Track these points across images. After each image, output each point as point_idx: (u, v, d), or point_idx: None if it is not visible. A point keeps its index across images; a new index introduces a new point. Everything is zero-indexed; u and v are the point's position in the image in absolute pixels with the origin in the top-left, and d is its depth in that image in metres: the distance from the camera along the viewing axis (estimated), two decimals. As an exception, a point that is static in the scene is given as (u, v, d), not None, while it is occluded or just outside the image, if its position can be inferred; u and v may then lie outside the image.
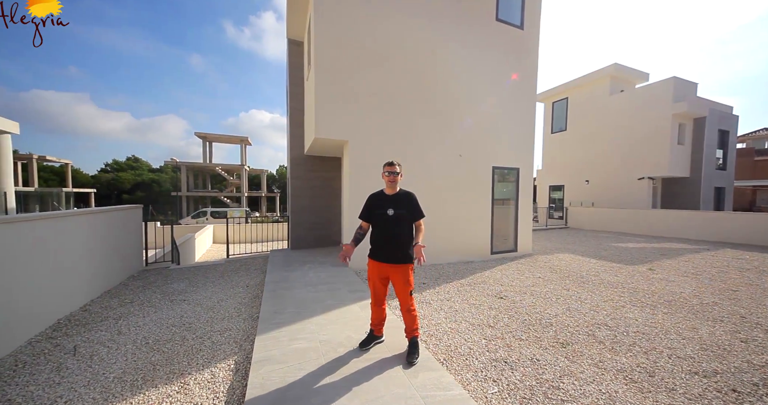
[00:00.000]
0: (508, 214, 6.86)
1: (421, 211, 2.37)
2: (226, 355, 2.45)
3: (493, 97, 6.39)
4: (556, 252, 7.27)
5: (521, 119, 6.75)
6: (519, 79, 6.65)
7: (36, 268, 2.89)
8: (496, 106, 6.43)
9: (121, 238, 4.69)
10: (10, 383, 2.10)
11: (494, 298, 3.98)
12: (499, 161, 6.52)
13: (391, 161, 2.38)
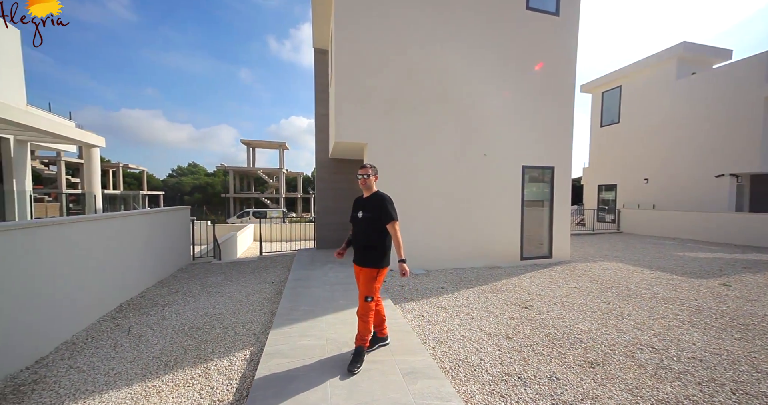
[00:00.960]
0: (542, 217, 6.32)
1: (390, 214, 2.26)
2: (244, 346, 2.67)
3: (524, 91, 5.96)
4: (600, 259, 6.48)
5: (558, 113, 6.18)
6: (552, 68, 6.10)
7: (108, 259, 3.48)
8: (528, 100, 5.99)
9: (173, 235, 5.40)
10: (81, 353, 2.55)
11: (517, 307, 3.70)
12: (530, 160, 6.05)
13: (363, 165, 2.42)
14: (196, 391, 2.04)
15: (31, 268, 2.48)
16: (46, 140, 7.87)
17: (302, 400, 1.83)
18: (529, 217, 6.15)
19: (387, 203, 2.30)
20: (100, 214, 3.59)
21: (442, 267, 5.47)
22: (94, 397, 1.97)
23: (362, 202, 2.40)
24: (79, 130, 8.15)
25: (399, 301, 3.76)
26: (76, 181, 26.41)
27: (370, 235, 2.28)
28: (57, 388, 2.06)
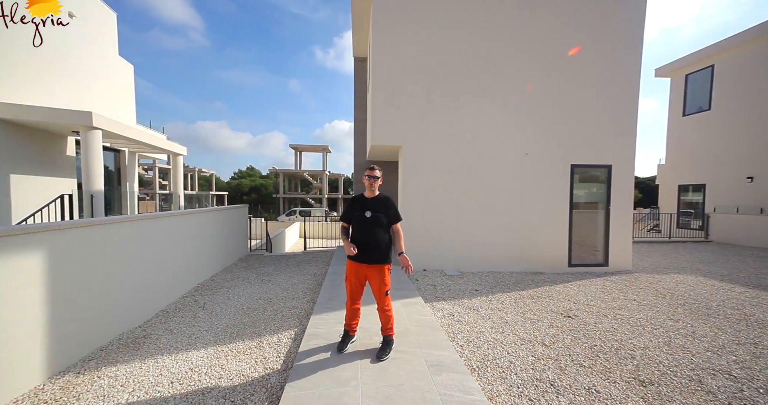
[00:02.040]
0: (596, 222, 5.70)
1: (398, 215, 2.40)
2: (289, 326, 3.07)
3: (575, 80, 5.46)
4: (674, 272, 5.56)
5: (618, 104, 5.52)
6: (611, 51, 5.46)
7: (189, 247, 4.30)
8: (580, 90, 5.47)
9: (235, 230, 6.31)
10: (172, 320, 3.24)
11: (559, 315, 3.46)
12: (580, 158, 5.51)
13: (372, 166, 2.43)
14: (252, 359, 2.45)
15: (140, 251, 3.24)
16: (147, 151, 9.86)
17: (336, 375, 2.08)
18: (580, 221, 5.60)
19: (395, 204, 2.43)
20: (186, 210, 4.46)
21: (477, 269, 5.34)
22: (182, 353, 2.52)
23: (367, 202, 2.39)
24: (169, 142, 10.02)
25: (430, 300, 3.83)
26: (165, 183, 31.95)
27: (381, 234, 2.34)
28: (158, 343, 2.69)
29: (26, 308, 2.00)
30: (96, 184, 6.18)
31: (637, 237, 9.74)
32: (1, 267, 1.85)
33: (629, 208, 5.62)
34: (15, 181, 6.01)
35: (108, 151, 8.43)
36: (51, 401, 1.91)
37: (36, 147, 6.46)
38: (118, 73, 9.65)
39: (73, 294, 2.35)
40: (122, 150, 9.05)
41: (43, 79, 6.75)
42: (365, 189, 2.49)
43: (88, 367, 2.29)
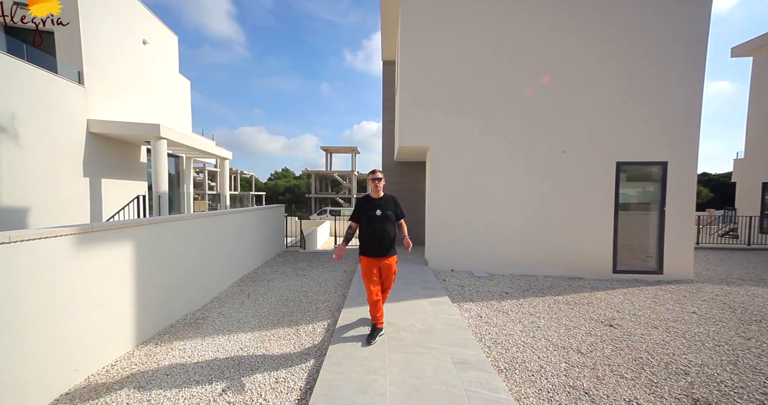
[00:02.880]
0: (649, 224, 5.15)
1: (403, 212, 2.81)
2: (323, 318, 3.32)
3: (622, 68, 5.00)
4: (750, 283, 4.82)
5: (677, 91, 4.93)
6: (668, 30, 4.89)
7: (236, 242, 4.82)
8: (627, 79, 5.00)
9: (273, 227, 6.87)
10: (223, 305, 3.69)
11: (599, 323, 3.25)
12: (628, 154, 5.03)
13: (374, 170, 2.70)
14: (291, 344, 2.72)
15: (198, 244, 3.75)
16: (200, 156, 11.14)
17: (366, 365, 2.23)
18: (629, 224, 5.11)
19: (399, 203, 2.83)
20: (232, 210, 5.02)
21: (508, 272, 5.16)
22: (233, 334, 2.89)
23: (376, 202, 2.67)
24: (218, 148, 11.20)
25: (457, 301, 3.83)
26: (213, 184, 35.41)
27: (391, 230, 2.65)
28: (214, 325, 3.11)
29: (118, 289, 2.48)
30: (162, 186, 7.18)
31: (705, 242, 8.53)
32: (99, 254, 2.32)
33: (690, 210, 4.99)
34: (105, 184, 7.25)
35: (170, 157, 9.70)
36: (139, 364, 2.35)
37: (118, 155, 7.70)
38: (178, 89, 11.05)
39: (150, 279, 2.83)
40: (181, 156, 10.33)
41: (123, 98, 8.02)
42: (371, 190, 2.79)
43: (163, 340, 2.75)
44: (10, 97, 5.17)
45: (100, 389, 2.05)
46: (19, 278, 1.75)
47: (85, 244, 2.16)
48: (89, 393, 2.01)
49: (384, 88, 8.23)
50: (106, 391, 2.04)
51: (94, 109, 6.97)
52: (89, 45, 6.97)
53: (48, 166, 5.85)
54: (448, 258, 5.30)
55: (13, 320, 1.72)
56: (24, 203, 5.42)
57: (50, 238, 1.91)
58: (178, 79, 11.10)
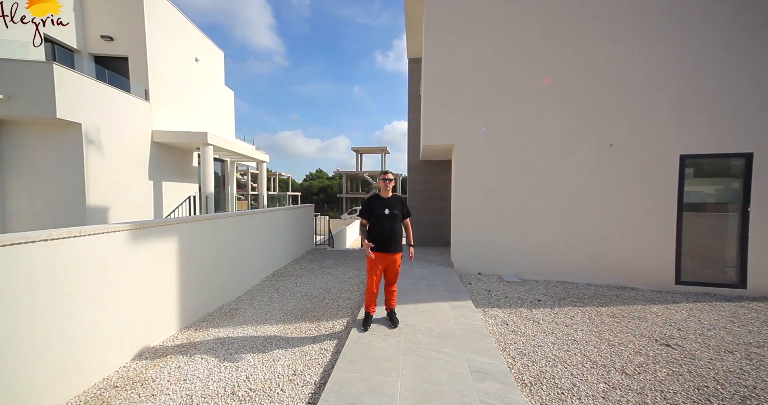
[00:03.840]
0: (725, 228, 4.33)
1: (409, 211, 2.96)
2: (343, 315, 3.39)
3: (689, 44, 4.27)
4: None
5: (763, 69, 4.05)
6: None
7: (269, 239, 5.18)
8: (695, 57, 4.25)
9: (303, 226, 7.23)
10: (255, 298, 3.98)
11: (652, 341, 2.81)
12: (696, 145, 4.28)
13: (386, 171, 2.88)
14: (311, 339, 2.83)
15: (234, 241, 4.09)
16: (242, 159, 12.20)
17: (379, 365, 2.22)
18: (699, 227, 4.35)
19: (406, 202, 2.97)
20: (265, 209, 5.41)
21: (542, 278, 4.74)
22: (261, 326, 3.11)
23: (385, 201, 2.83)
24: (257, 151, 12.17)
25: (482, 306, 3.63)
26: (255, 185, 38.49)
27: (398, 227, 2.84)
28: (245, 315, 3.37)
29: (165, 279, 2.81)
30: (209, 188, 8.01)
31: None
32: (149, 247, 2.65)
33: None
34: (164, 186, 8.33)
35: (216, 161, 10.79)
36: (182, 345, 2.65)
37: (175, 160, 8.78)
38: (223, 99, 12.24)
39: (192, 271, 3.17)
40: (225, 160, 11.41)
41: (178, 109, 9.13)
42: (380, 189, 2.94)
43: (201, 326, 3.06)
44: (96, 114, 6.21)
45: (148, 366, 2.35)
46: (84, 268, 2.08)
47: (139, 238, 2.49)
48: (140, 368, 2.32)
49: (410, 87, 8.13)
50: (152, 368, 2.33)
51: (156, 121, 8.05)
52: (153, 66, 8.06)
53: (122, 172, 6.89)
54: (475, 260, 5.04)
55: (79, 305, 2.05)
56: (105, 203, 6.47)
57: (111, 233, 2.25)
58: (223, 90, 12.29)
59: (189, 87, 9.75)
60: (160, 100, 8.27)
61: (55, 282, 1.89)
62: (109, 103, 6.54)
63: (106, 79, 6.68)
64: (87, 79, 6.07)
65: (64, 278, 1.94)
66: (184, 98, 9.48)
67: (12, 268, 1.69)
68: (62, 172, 5.88)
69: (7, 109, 5.32)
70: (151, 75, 7.96)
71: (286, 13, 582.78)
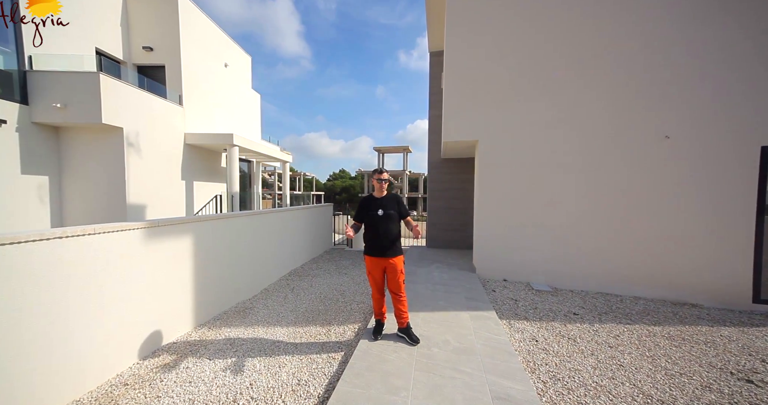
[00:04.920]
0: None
1: (408, 210, 2.67)
2: (354, 320, 3.23)
3: (763, 11, 3.51)
4: None
5: None
6: None
7: (286, 240, 5.20)
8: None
9: (322, 226, 7.23)
10: (269, 298, 3.97)
11: (726, 374, 2.29)
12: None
13: (381, 169, 2.62)
14: (319, 345, 2.70)
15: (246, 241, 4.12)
16: (266, 160, 12.67)
17: (388, 381, 2.02)
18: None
19: (402, 201, 2.69)
20: (281, 208, 5.46)
21: (579, 287, 4.20)
22: (272, 328, 3.05)
23: (379, 201, 2.59)
24: (280, 152, 12.56)
25: (507, 317, 3.26)
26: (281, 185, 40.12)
27: (394, 229, 2.57)
28: (258, 315, 3.35)
29: (180, 277, 2.85)
30: (234, 187, 8.35)
31: None
32: (164, 246, 2.69)
33: None
34: (195, 185, 8.85)
35: (243, 162, 11.27)
36: (194, 343, 2.67)
37: (204, 161, 9.29)
38: (250, 102, 12.78)
39: (207, 270, 3.20)
40: (252, 160, 11.90)
41: (208, 113, 9.66)
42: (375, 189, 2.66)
43: (215, 325, 3.08)
44: (136, 118, 6.72)
45: (159, 365, 2.37)
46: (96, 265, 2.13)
47: (153, 236, 2.53)
48: (152, 366, 2.35)
49: (431, 82, 7.78)
50: (163, 367, 2.34)
51: (188, 124, 8.56)
52: (187, 73, 8.58)
53: (158, 172, 7.40)
54: (501, 265, 4.63)
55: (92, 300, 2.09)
56: (143, 201, 6.98)
57: (125, 231, 2.29)
58: (250, 93, 12.83)
59: (218, 91, 10.27)
60: (193, 105, 8.78)
61: (72, 279, 1.94)
62: (147, 108, 7.04)
63: (145, 86, 7.20)
64: (128, 86, 6.57)
65: (76, 275, 1.99)
66: (214, 102, 10.00)
67: (20, 266, 1.74)
68: (107, 174, 6.42)
69: (64, 116, 5.92)
70: (185, 81, 8.47)
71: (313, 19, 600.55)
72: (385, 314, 2.75)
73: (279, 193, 29.40)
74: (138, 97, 6.81)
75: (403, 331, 2.62)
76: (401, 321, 2.61)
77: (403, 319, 2.60)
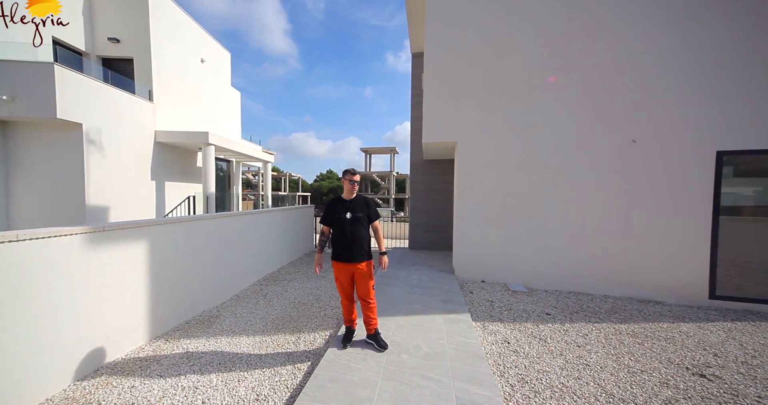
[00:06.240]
0: None
1: (378, 213, 2.58)
2: (327, 327, 3.12)
3: (725, 21, 3.72)
4: None
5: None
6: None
7: (260, 243, 4.99)
8: (736, 39, 3.70)
9: (302, 227, 7.04)
10: (239, 305, 3.78)
11: (682, 370, 2.37)
12: (737, 140, 3.73)
13: (352, 170, 2.48)
14: (285, 355, 2.57)
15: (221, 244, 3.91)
16: (246, 160, 12.24)
17: (352, 393, 1.93)
18: (739, 233, 3.79)
19: (373, 203, 2.56)
20: (257, 210, 5.25)
21: (553, 287, 4.30)
22: (236, 337, 2.88)
23: (347, 203, 2.48)
24: (261, 152, 12.18)
25: (481, 319, 3.26)
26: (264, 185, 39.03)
27: (363, 233, 2.46)
28: (223, 325, 3.16)
29: (131, 286, 2.63)
30: (210, 188, 7.97)
31: None
32: (112, 252, 2.47)
33: None
34: (167, 186, 8.38)
35: (222, 162, 10.82)
36: (145, 359, 2.46)
37: (178, 161, 8.83)
38: (229, 100, 12.31)
39: (165, 276, 2.98)
40: (231, 160, 11.46)
41: (183, 110, 9.19)
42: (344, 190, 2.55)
43: (173, 336, 2.87)
44: (98, 114, 6.25)
45: (99, 385, 2.16)
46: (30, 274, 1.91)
47: (98, 243, 2.31)
48: (91, 388, 2.14)
49: (413, 82, 7.79)
50: (103, 387, 2.14)
51: (160, 121, 8.10)
52: (158, 67, 8.12)
53: (124, 172, 6.94)
54: (479, 266, 4.66)
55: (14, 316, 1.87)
56: (105, 202, 6.52)
57: (61, 237, 2.07)
58: (230, 91, 12.36)
59: (194, 87, 9.81)
60: (165, 101, 8.32)
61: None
62: (112, 103, 6.58)
63: (110, 80, 6.74)
64: (89, 79, 6.11)
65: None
66: (190, 99, 9.54)
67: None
68: (63, 172, 5.94)
69: (10, 109, 5.41)
70: (156, 76, 8.01)
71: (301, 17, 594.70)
72: (356, 320, 2.65)
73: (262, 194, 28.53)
74: (101, 92, 6.35)
75: (371, 337, 2.54)
76: (369, 328, 2.54)
77: (371, 325, 2.52)
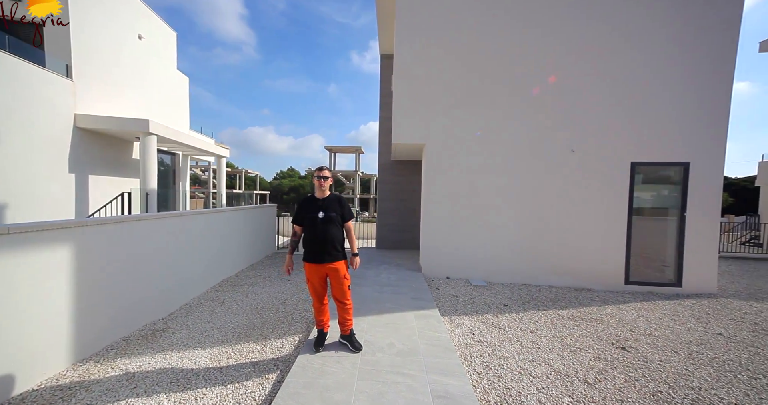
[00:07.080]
0: (666, 231, 4.69)
1: (351, 213, 2.51)
2: (296, 332, 2.98)
3: (641, 62, 4.54)
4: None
5: (702, 88, 4.44)
6: (696, 20, 4.41)
7: (215, 245, 4.53)
8: (647, 75, 4.53)
9: (264, 228, 6.58)
10: (191, 314, 3.38)
11: (609, 345, 2.83)
12: (645, 154, 4.57)
13: (322, 167, 2.44)
14: (251, 365, 2.39)
15: (168, 247, 3.45)
16: (197, 154, 10.98)
17: (326, 397, 1.88)
18: (643, 230, 4.65)
19: (346, 203, 2.50)
20: (211, 209, 4.76)
21: (508, 281, 4.75)
22: (190, 351, 2.58)
23: (319, 202, 2.41)
24: (214, 146, 11.03)
25: (448, 313, 3.45)
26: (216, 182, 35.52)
27: (336, 233, 2.39)
28: (173, 338, 2.79)
29: (48, 298, 2.17)
30: (151, 184, 6.96)
31: (725, 251, 7.91)
32: (20, 259, 2.01)
33: (715, 216, 4.49)
34: (92, 180, 7.07)
35: (165, 154, 9.51)
36: (68, 387, 2.04)
37: (109, 151, 7.53)
38: (175, 85, 10.89)
39: (97, 286, 2.53)
40: (177, 153, 10.16)
41: (117, 93, 7.86)
42: (313, 190, 2.50)
43: (108, 356, 2.44)
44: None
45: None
46: None
47: (4, 248, 1.86)
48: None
49: (382, 84, 7.88)
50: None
51: (84, 104, 6.80)
52: (79, 38, 6.78)
53: (29, 161, 5.67)
54: (444, 264, 4.91)
55: None
56: (4, 199, 5.25)
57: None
58: (176, 75, 10.95)
59: (131, 67, 8.47)
60: (90, 80, 7.02)
61: None
62: (9, 77, 5.31)
63: (7, 47, 5.43)
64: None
65: None
66: (125, 80, 8.21)
67: None
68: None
69: None
70: (76, 48, 6.69)
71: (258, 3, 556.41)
72: (328, 323, 2.57)
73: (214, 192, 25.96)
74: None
75: (345, 338, 2.51)
76: (344, 328, 2.50)
77: (346, 326, 2.49)
